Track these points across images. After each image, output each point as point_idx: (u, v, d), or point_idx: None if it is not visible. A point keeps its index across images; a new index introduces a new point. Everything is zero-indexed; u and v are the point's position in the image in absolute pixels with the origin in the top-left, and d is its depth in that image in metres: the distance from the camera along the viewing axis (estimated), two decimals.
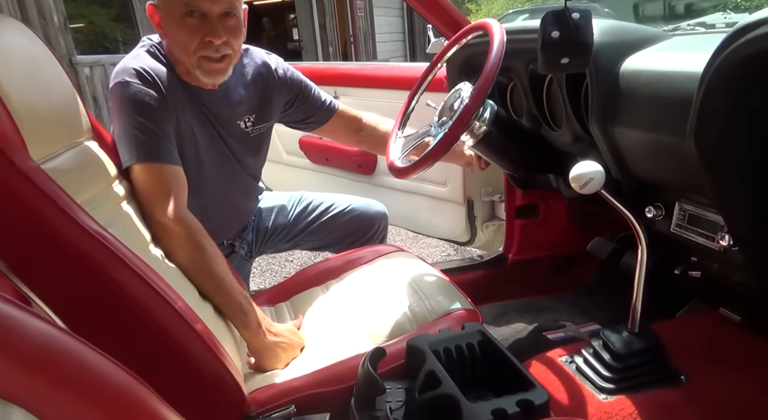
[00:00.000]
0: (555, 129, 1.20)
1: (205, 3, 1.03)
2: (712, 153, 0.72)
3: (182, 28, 1.05)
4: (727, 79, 0.64)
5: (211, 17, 1.05)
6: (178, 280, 0.95)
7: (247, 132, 1.27)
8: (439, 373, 0.82)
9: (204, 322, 0.83)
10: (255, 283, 2.52)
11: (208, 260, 1.00)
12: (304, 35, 8.38)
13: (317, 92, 1.39)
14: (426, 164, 1.05)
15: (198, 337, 0.77)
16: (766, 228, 0.77)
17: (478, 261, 1.71)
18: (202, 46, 1.06)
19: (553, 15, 0.73)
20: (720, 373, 0.95)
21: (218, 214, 1.29)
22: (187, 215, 1.02)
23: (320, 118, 1.41)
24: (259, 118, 1.28)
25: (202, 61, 1.08)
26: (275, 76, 1.29)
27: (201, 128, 1.17)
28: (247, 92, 1.24)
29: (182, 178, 1.06)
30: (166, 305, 0.74)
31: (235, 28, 1.09)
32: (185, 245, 0.98)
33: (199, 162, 1.18)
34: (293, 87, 1.33)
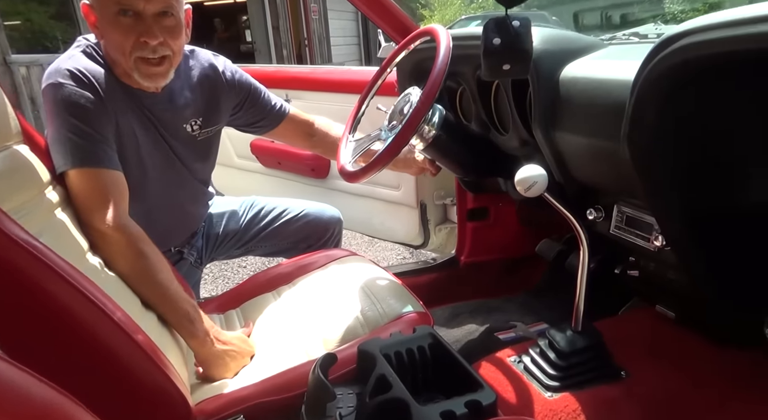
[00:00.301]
0: (502, 133, 1.23)
1: (138, 2, 0.99)
2: (644, 159, 0.76)
3: (116, 28, 1.01)
4: (655, 88, 0.68)
5: (146, 17, 1.01)
6: (119, 290, 0.91)
7: (194, 136, 1.23)
8: (390, 377, 0.82)
9: (146, 332, 0.80)
10: (206, 290, 2.46)
11: (151, 268, 0.96)
12: (257, 37, 8.27)
13: (267, 95, 1.37)
14: (376, 168, 1.05)
15: (138, 348, 0.74)
16: (693, 231, 0.81)
17: (431, 264, 1.73)
18: (137, 46, 1.02)
19: (494, 23, 0.75)
20: (657, 368, 1.00)
21: (165, 220, 1.25)
22: (128, 222, 0.98)
23: (270, 121, 1.39)
24: (206, 121, 1.24)
25: (139, 63, 1.04)
26: (223, 78, 1.26)
27: (144, 132, 1.13)
28: (193, 95, 1.21)
29: (122, 183, 1.02)
30: (103, 316, 0.71)
31: (174, 28, 1.05)
32: (126, 253, 0.95)
33: (142, 166, 1.14)
34: (242, 90, 1.31)
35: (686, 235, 0.82)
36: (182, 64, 1.18)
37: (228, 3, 11.31)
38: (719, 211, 0.79)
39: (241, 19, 11.62)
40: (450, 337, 1.42)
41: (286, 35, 8.31)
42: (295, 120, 1.41)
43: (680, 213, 0.81)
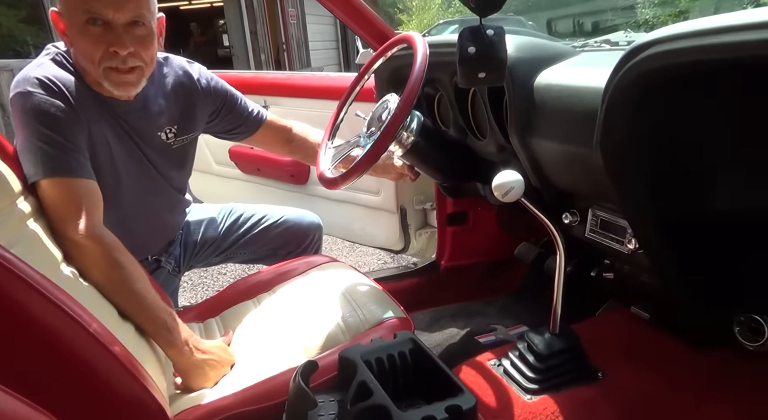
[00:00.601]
0: (480, 139, 1.24)
1: (108, 11, 0.97)
2: (616, 165, 0.78)
3: (85, 37, 0.99)
4: (625, 95, 0.70)
5: (115, 26, 0.99)
6: (95, 301, 0.89)
7: (169, 144, 1.22)
8: (371, 383, 0.82)
9: (123, 343, 0.79)
10: (186, 298, 2.43)
11: (127, 277, 0.95)
12: (234, 42, 8.21)
13: (244, 102, 1.36)
14: (355, 175, 1.05)
15: (115, 359, 0.73)
16: (665, 235, 0.83)
17: (411, 268, 1.73)
18: (106, 56, 1.00)
19: (469, 31, 0.76)
20: (632, 369, 1.02)
21: (141, 228, 1.23)
22: (103, 231, 0.97)
23: (248, 128, 1.38)
24: (181, 129, 1.23)
25: (108, 72, 1.02)
26: (198, 86, 1.25)
27: (117, 140, 1.12)
28: (168, 103, 1.19)
29: (96, 192, 1.01)
30: (79, 328, 0.70)
31: (145, 38, 1.04)
32: (101, 263, 0.93)
33: (116, 175, 1.13)
34: (218, 97, 1.30)
35: (658, 239, 0.85)
36: (156, 71, 1.17)
37: (204, 7, 11.22)
38: (688, 217, 0.82)
39: (218, 23, 11.54)
40: (431, 342, 1.43)
41: (264, 40, 8.27)
42: (273, 126, 1.41)
43: (652, 218, 0.83)
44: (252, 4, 7.93)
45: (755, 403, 0.93)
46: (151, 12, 1.04)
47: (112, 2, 0.97)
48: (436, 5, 19.85)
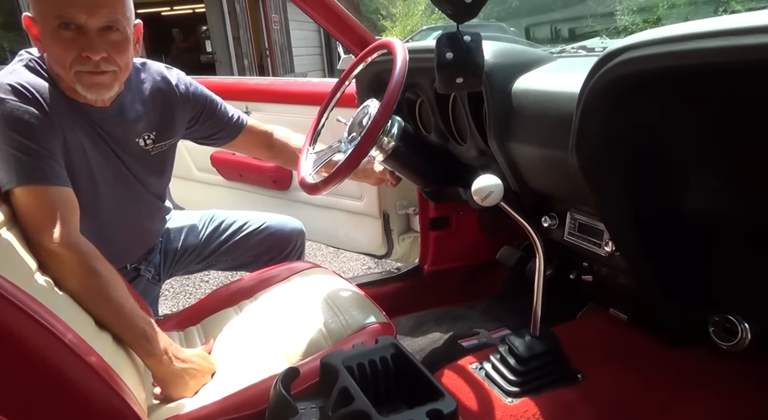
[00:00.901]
0: (461, 143, 1.25)
1: (80, 15, 0.96)
2: (591, 168, 0.79)
3: (57, 41, 0.97)
4: (600, 100, 0.71)
5: (88, 31, 0.98)
6: (70, 311, 0.88)
7: (147, 150, 1.21)
8: (352, 389, 0.82)
9: (101, 353, 0.78)
10: (167, 306, 2.40)
11: (104, 286, 0.94)
12: (217, 48, 8.18)
13: (224, 107, 1.36)
14: (336, 180, 1.05)
15: (91, 370, 0.71)
16: (641, 237, 0.85)
17: (395, 273, 1.73)
18: (78, 61, 0.99)
19: (446, 37, 0.77)
20: (611, 370, 1.03)
21: (119, 236, 1.21)
22: (79, 239, 0.95)
23: (229, 133, 1.37)
24: (160, 135, 1.22)
25: (80, 75, 1.01)
26: (176, 91, 1.24)
27: (93, 146, 1.10)
28: (145, 108, 1.18)
29: (72, 199, 0.99)
30: (53, 339, 0.68)
31: (120, 43, 1.02)
32: (77, 272, 0.92)
33: (93, 182, 1.11)
34: (197, 102, 1.29)
35: (634, 241, 0.86)
36: (133, 77, 1.16)
37: (186, 13, 11.17)
38: (663, 220, 0.83)
39: (200, 29, 11.49)
40: (414, 347, 1.43)
41: (247, 46, 8.24)
42: (254, 131, 1.40)
43: (628, 220, 0.84)
44: (235, 9, 7.91)
45: (729, 401, 0.94)
46: (127, 18, 1.03)
47: (85, 7, 0.96)
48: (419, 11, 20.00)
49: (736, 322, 0.91)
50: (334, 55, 11.12)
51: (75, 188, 1.01)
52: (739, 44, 0.53)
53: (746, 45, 0.52)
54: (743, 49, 0.53)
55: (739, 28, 0.53)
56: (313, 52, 11.19)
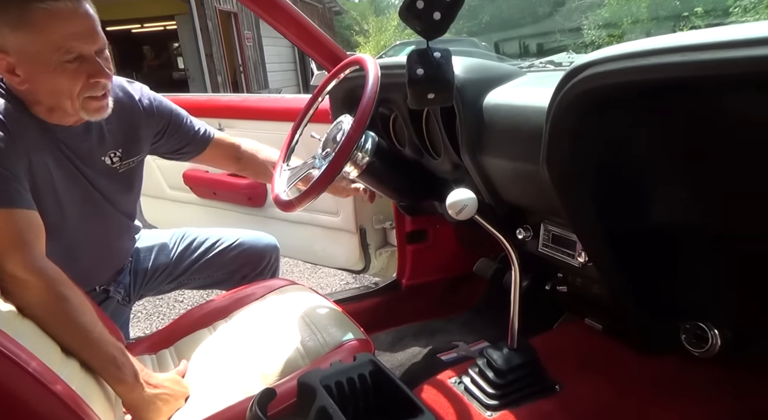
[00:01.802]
0: (435, 158, 1.26)
1: (84, 45, 0.96)
2: (563, 181, 0.80)
3: (62, 75, 0.96)
4: (567, 115, 0.72)
5: (89, 57, 0.98)
6: (35, 338, 0.84)
7: (114, 168, 1.18)
8: (330, 408, 0.81)
9: (68, 381, 0.75)
10: (140, 328, 2.34)
11: (71, 312, 0.90)
12: (189, 64, 8.13)
13: (190, 120, 1.34)
14: (311, 197, 1.05)
15: (57, 399, 0.69)
16: (611, 247, 0.87)
17: (372, 288, 1.72)
18: (87, 87, 0.99)
19: (417, 54, 0.78)
20: (588, 379, 1.04)
21: (87, 257, 1.18)
22: (45, 264, 0.92)
23: (195, 147, 1.36)
24: (126, 152, 1.20)
25: (88, 101, 1.01)
26: (140, 106, 1.22)
27: (58, 167, 1.07)
28: (109, 125, 1.16)
29: (37, 223, 0.96)
30: (16, 368, 0.66)
31: (108, 61, 1.04)
32: (43, 298, 0.88)
33: (59, 203, 1.08)
34: (162, 117, 1.27)
35: (605, 252, 0.88)
36: None
37: (157, 30, 11.08)
38: (633, 230, 0.85)
39: (172, 46, 11.41)
40: (393, 362, 1.42)
41: (220, 62, 8.21)
42: (221, 144, 1.40)
43: (599, 231, 0.86)
44: (207, 26, 7.89)
45: (704, 406, 0.96)
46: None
47: (84, 36, 0.96)
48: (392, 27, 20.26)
49: (707, 329, 0.93)
50: (308, 71, 11.15)
51: (40, 210, 0.99)
52: (698, 59, 0.55)
53: (704, 60, 0.54)
54: (701, 64, 0.55)
55: (697, 44, 0.55)
56: (287, 67, 11.21)
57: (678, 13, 9.61)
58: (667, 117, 0.72)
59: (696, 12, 9.28)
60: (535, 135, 0.83)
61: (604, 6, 11.29)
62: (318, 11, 13.67)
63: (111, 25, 10.73)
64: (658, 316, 0.94)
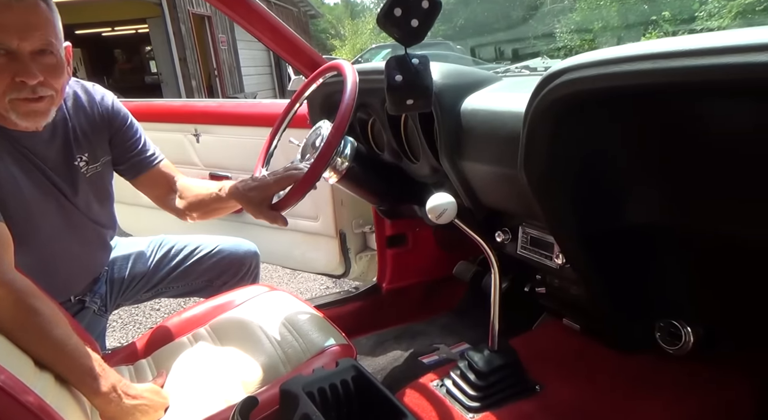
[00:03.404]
0: (414, 162, 1.27)
1: (11, 39, 0.91)
2: (540, 185, 0.82)
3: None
4: (543, 119, 0.74)
5: (21, 55, 0.93)
6: (5, 351, 0.82)
7: (83, 173, 1.15)
8: (314, 415, 0.81)
9: (40, 394, 0.73)
10: (116, 338, 2.29)
11: (44, 325, 0.88)
12: (162, 68, 8.01)
13: (141, 139, 1.26)
14: (290, 204, 1.05)
15: (27, 412, 0.67)
16: (588, 249, 0.88)
17: (353, 293, 1.72)
18: (13, 87, 0.94)
19: (395, 60, 0.79)
20: (567, 378, 1.06)
21: (61, 267, 1.15)
22: (15, 276, 0.89)
23: (132, 167, 1.25)
24: (92, 156, 1.17)
25: (15, 103, 0.96)
26: (99, 109, 1.18)
27: (26, 175, 1.04)
28: (74, 128, 1.12)
29: (4, 234, 0.93)
30: None
31: (55, 67, 0.98)
32: (13, 311, 0.85)
33: (28, 213, 1.05)
34: (113, 124, 1.21)
35: (581, 253, 0.90)
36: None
37: (129, 33, 10.90)
38: (607, 231, 0.87)
39: (144, 49, 11.23)
40: (375, 366, 1.42)
41: (194, 66, 8.10)
42: (165, 175, 1.29)
43: (575, 233, 0.88)
44: (180, 30, 7.78)
45: (681, 401, 0.98)
46: (59, 40, 0.99)
47: (17, 30, 0.91)
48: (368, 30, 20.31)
49: (680, 327, 0.95)
50: (284, 75, 11.09)
51: (9, 221, 0.95)
52: (667, 67, 0.57)
53: (673, 67, 0.56)
54: (671, 71, 0.57)
55: (667, 52, 0.57)
56: (262, 71, 11.13)
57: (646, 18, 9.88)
58: (640, 122, 0.74)
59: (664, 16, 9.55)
60: (512, 139, 0.84)
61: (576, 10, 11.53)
62: (293, 15, 13.62)
63: (81, 28, 10.52)
64: (634, 315, 0.97)
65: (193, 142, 1.95)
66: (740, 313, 0.90)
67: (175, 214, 1.32)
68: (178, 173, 1.33)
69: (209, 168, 1.97)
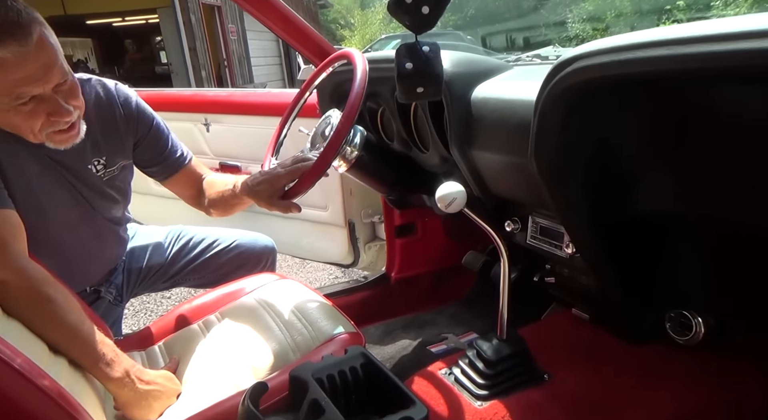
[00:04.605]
0: (423, 151, 1.27)
1: (36, 87, 0.90)
2: (551, 173, 0.81)
3: (17, 116, 0.92)
4: (555, 108, 0.73)
5: (46, 96, 0.92)
6: (22, 336, 0.83)
7: (99, 176, 1.14)
8: (323, 401, 0.81)
9: (55, 378, 0.74)
10: (127, 324, 2.32)
11: (57, 311, 0.89)
12: (173, 59, 8.02)
13: (171, 139, 1.25)
14: (300, 192, 1.05)
15: (44, 395, 0.68)
16: (598, 237, 0.88)
17: (362, 282, 1.73)
18: (47, 124, 0.95)
19: (405, 48, 0.78)
20: (576, 368, 1.06)
21: (74, 261, 1.15)
22: (27, 264, 0.90)
23: (166, 169, 1.26)
24: (110, 160, 1.15)
25: (52, 135, 0.97)
26: (121, 111, 1.15)
27: (40, 168, 1.05)
28: (92, 132, 1.10)
29: (16, 222, 0.94)
30: (1, 364, 0.65)
31: (73, 89, 0.97)
32: (27, 298, 0.86)
33: (41, 206, 1.06)
34: (142, 126, 1.19)
35: (592, 242, 0.89)
36: None
37: (139, 24, 10.91)
38: (618, 220, 0.86)
39: (154, 40, 11.26)
40: (384, 355, 1.42)
41: (204, 56, 8.11)
42: (194, 172, 1.30)
43: (586, 222, 0.87)
44: (190, 20, 7.78)
45: (690, 391, 0.98)
46: (63, 59, 0.96)
47: (39, 78, 0.89)
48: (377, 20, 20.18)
49: (690, 317, 0.95)
50: (294, 65, 11.06)
51: (21, 212, 0.96)
52: (682, 53, 0.56)
53: (688, 54, 0.55)
54: (686, 57, 0.56)
55: (681, 38, 0.57)
56: (272, 61, 11.12)
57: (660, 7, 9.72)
58: (653, 109, 0.73)
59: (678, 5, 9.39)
60: (523, 128, 0.83)
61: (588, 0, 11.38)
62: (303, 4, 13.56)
63: (92, 19, 10.56)
64: (645, 304, 0.96)
65: (203, 131, 1.95)
66: (753, 303, 0.89)
67: (204, 212, 1.34)
68: (205, 170, 1.34)
69: (219, 157, 1.98)
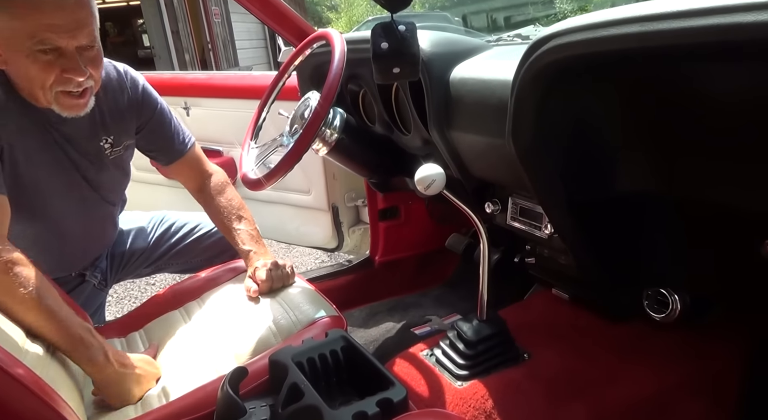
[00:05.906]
0: (405, 133, 1.26)
1: (61, 39, 0.90)
2: (528, 154, 0.81)
3: (34, 64, 0.91)
4: (532, 87, 0.73)
5: (69, 52, 0.92)
6: None
7: (107, 154, 1.14)
8: (302, 384, 0.81)
9: (30, 366, 0.73)
10: (111, 312, 2.30)
11: (34, 294, 0.88)
12: (155, 42, 7.85)
13: (174, 124, 1.25)
14: (279, 175, 1.04)
15: (17, 383, 0.67)
16: (575, 218, 0.88)
17: (346, 266, 1.73)
18: (59, 81, 0.94)
19: (381, 27, 0.77)
20: (555, 347, 1.07)
21: (68, 242, 1.15)
22: (3, 247, 0.89)
23: (166, 155, 1.27)
24: (116, 139, 1.16)
25: (60, 96, 0.96)
26: (128, 93, 1.16)
27: (43, 151, 1.04)
28: (101, 109, 1.11)
29: (3, 206, 0.93)
30: None
31: (97, 58, 0.98)
32: (2, 281, 0.86)
33: (39, 189, 1.05)
34: (147, 110, 1.20)
35: (570, 223, 0.89)
36: None
37: (120, 6, 10.65)
38: (596, 200, 0.87)
39: (136, 22, 11.00)
40: (367, 338, 1.43)
41: (187, 40, 7.95)
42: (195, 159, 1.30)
43: (563, 203, 0.87)
44: (172, 2, 7.61)
45: (669, 367, 1.00)
46: (97, 29, 0.97)
47: (67, 30, 0.90)
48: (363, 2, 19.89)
49: (667, 295, 0.96)
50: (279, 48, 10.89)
51: (17, 194, 0.96)
52: (655, 29, 0.55)
53: (661, 30, 0.55)
54: (659, 33, 0.55)
55: (655, 14, 0.56)
56: (257, 44, 10.93)
57: None
58: (629, 86, 0.72)
59: None
60: (501, 108, 0.83)
61: None
62: None
63: None
64: (621, 283, 0.97)
65: (183, 115, 1.92)
66: (727, 281, 0.90)
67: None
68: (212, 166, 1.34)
69: (200, 142, 1.95)
